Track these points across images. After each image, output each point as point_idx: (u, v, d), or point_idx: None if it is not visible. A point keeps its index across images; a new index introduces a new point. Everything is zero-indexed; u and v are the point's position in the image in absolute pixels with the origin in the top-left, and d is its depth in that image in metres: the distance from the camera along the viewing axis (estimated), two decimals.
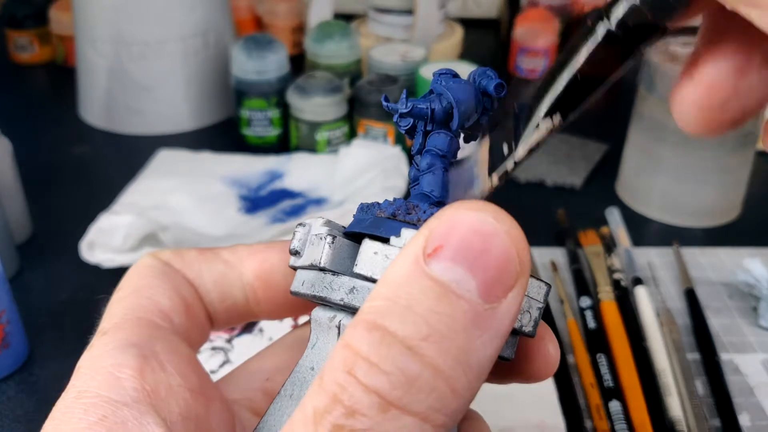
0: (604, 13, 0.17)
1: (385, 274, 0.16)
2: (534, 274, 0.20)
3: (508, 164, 0.19)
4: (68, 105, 0.83)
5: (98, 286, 0.55)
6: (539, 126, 0.18)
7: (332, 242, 0.20)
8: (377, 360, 0.14)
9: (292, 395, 0.20)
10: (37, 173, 0.69)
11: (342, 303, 0.20)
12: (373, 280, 0.19)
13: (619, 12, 0.16)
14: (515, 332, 0.20)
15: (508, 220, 0.15)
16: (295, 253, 0.21)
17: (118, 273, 0.55)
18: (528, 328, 0.20)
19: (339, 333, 0.20)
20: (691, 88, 0.18)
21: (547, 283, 0.20)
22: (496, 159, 0.20)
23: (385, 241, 0.19)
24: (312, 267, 0.21)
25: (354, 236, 0.21)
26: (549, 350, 0.22)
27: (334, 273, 0.20)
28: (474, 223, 0.15)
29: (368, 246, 0.19)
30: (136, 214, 0.58)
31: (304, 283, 0.21)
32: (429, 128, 0.22)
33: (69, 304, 0.54)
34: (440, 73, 0.22)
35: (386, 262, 0.19)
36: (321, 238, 0.21)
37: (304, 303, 0.24)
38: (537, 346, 0.22)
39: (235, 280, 0.24)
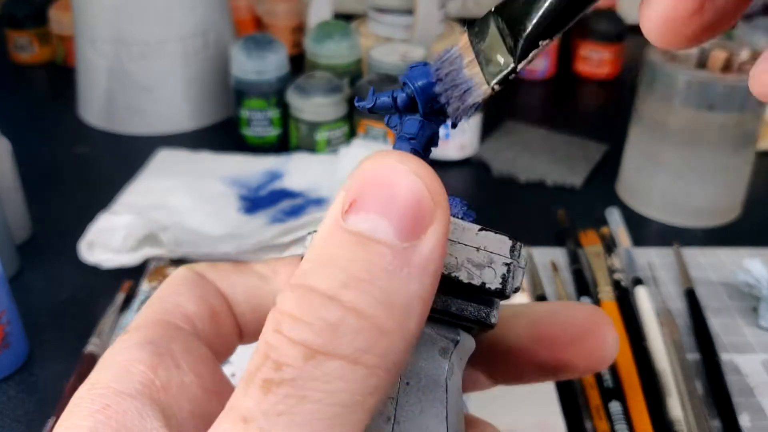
0: None
1: (311, 240, 0.16)
2: (497, 230, 0.20)
3: (510, 75, 0.19)
4: (68, 105, 0.83)
5: (98, 286, 0.55)
6: (540, 45, 0.18)
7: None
8: (300, 314, 0.15)
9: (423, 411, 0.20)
10: (37, 173, 0.69)
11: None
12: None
13: None
14: (482, 291, 0.19)
15: (414, 161, 0.16)
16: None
17: (118, 273, 0.55)
18: (494, 285, 0.19)
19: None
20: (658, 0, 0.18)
21: (512, 238, 0.20)
22: (489, 67, 0.19)
23: None
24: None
25: None
26: (605, 338, 0.22)
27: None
28: (380, 171, 0.15)
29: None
30: (136, 214, 0.58)
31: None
32: (404, 118, 0.22)
33: (69, 304, 0.54)
34: (411, 66, 0.22)
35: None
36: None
37: None
38: (589, 333, 0.22)
39: (268, 293, 0.24)
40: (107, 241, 0.56)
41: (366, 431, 0.17)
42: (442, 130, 0.23)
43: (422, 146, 0.22)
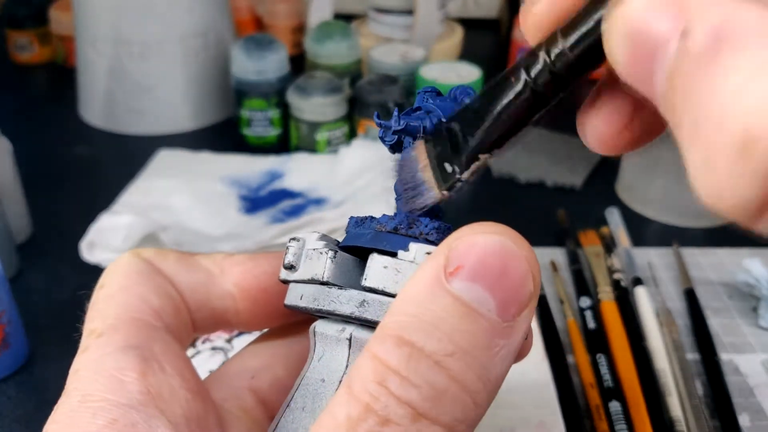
0: (523, 68, 0.19)
1: (404, 289, 0.16)
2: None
3: (456, 183, 0.20)
4: (68, 105, 0.83)
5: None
6: (480, 158, 0.20)
7: (334, 257, 0.21)
8: (407, 374, 0.15)
9: (305, 407, 0.21)
10: (37, 173, 0.69)
11: (353, 316, 0.20)
12: (385, 293, 0.20)
13: (537, 69, 0.18)
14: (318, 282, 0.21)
15: (526, 245, 0.17)
16: (290, 267, 0.21)
17: None
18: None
19: (350, 345, 0.20)
20: (591, 116, 0.19)
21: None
22: (440, 173, 0.20)
23: (393, 255, 0.20)
24: (312, 281, 0.21)
25: (350, 250, 0.21)
26: None
27: (339, 287, 0.21)
28: (495, 246, 0.16)
29: (377, 260, 0.20)
30: (136, 214, 0.58)
31: (303, 296, 0.21)
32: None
33: (69, 304, 0.53)
34: (425, 90, 0.23)
35: (398, 276, 0.19)
36: (321, 253, 0.21)
37: (285, 314, 0.24)
38: None
39: (214, 289, 0.24)
40: (108, 241, 0.56)
41: None
42: None
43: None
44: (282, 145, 0.75)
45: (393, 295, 0.19)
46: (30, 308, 0.52)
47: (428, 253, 0.19)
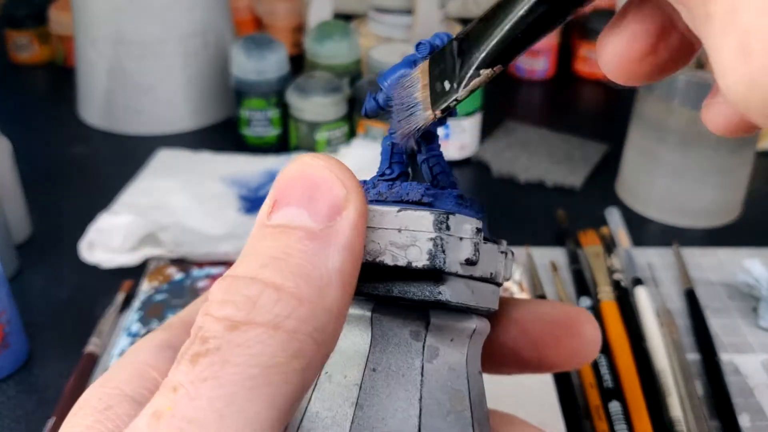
0: None
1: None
2: (421, 206, 0.20)
3: (451, 102, 0.20)
4: (68, 105, 0.83)
5: (98, 286, 0.55)
6: (480, 74, 0.19)
7: (512, 256, 0.22)
8: (224, 295, 0.16)
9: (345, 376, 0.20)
10: (37, 173, 0.69)
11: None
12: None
13: None
14: (412, 270, 0.20)
15: (324, 157, 0.18)
16: (473, 263, 0.21)
17: (118, 273, 0.55)
18: (421, 263, 0.19)
19: (472, 335, 0.21)
20: (614, 37, 0.19)
21: (437, 212, 0.20)
22: (436, 92, 0.20)
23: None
24: (489, 280, 0.21)
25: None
26: (585, 330, 0.23)
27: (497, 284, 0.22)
28: (296, 169, 0.17)
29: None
30: (136, 214, 0.58)
31: (474, 292, 0.21)
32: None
33: (69, 304, 0.54)
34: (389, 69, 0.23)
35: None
36: (501, 252, 0.21)
37: None
38: (573, 332, 0.23)
39: None
40: (107, 241, 0.56)
41: (331, 416, 0.19)
42: (441, 131, 0.23)
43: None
44: (282, 145, 0.75)
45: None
46: (30, 308, 0.52)
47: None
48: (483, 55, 0.19)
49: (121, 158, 0.74)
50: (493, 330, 0.24)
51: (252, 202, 0.65)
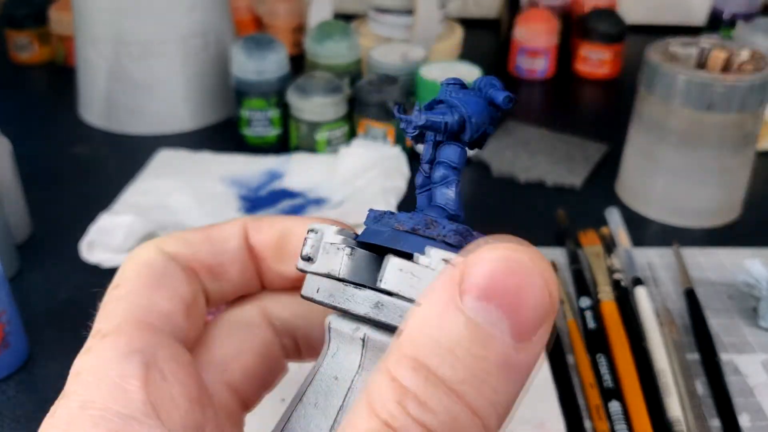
0: None
1: (420, 306, 0.16)
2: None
3: None
4: (68, 105, 0.83)
5: (98, 286, 0.54)
6: None
7: (351, 253, 0.21)
8: (425, 398, 0.15)
9: (317, 404, 0.21)
10: (37, 173, 0.69)
11: (367, 317, 0.20)
12: (401, 297, 0.20)
13: None
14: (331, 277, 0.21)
15: (543, 262, 0.16)
16: (308, 258, 0.21)
17: None
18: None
19: (364, 345, 0.20)
20: None
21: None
22: None
23: (409, 257, 0.20)
24: (329, 276, 0.21)
25: (368, 246, 0.21)
26: None
27: (355, 285, 0.21)
28: (510, 263, 0.16)
29: (393, 262, 0.20)
30: (136, 214, 0.58)
31: (319, 290, 0.21)
32: (440, 138, 0.22)
33: (69, 304, 0.54)
34: (449, 83, 0.22)
35: (413, 280, 0.19)
36: (338, 248, 0.21)
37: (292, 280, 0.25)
38: None
39: (228, 256, 0.24)
40: (107, 240, 0.56)
41: None
42: (449, 161, 0.23)
43: (461, 172, 0.22)
44: (282, 145, 0.75)
45: (409, 300, 0.20)
46: (30, 308, 0.52)
47: (445, 260, 0.19)
48: None
49: (122, 158, 0.74)
50: None
51: (252, 202, 0.65)
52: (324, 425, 0.20)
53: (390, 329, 0.20)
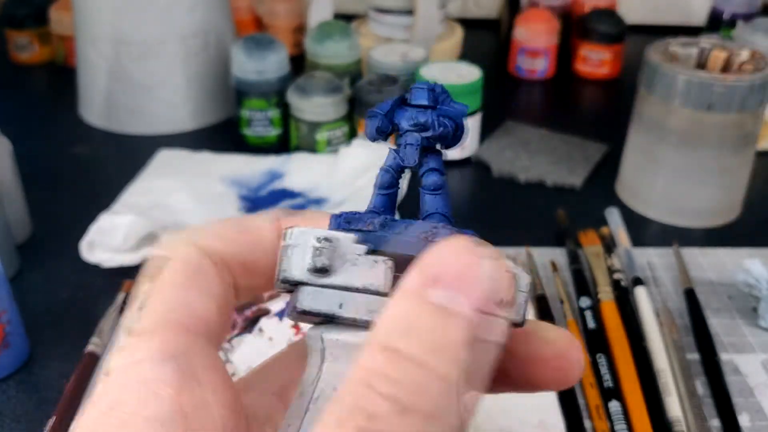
0: None
1: (388, 306, 0.18)
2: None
3: None
4: (68, 105, 0.83)
5: (99, 286, 0.55)
6: None
7: (391, 266, 0.20)
8: (390, 373, 0.16)
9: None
10: (37, 173, 0.69)
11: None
12: None
13: None
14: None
15: (489, 249, 0.18)
16: (322, 270, 0.20)
17: (119, 272, 0.55)
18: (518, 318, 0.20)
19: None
20: None
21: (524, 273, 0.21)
22: None
23: None
24: (365, 290, 0.20)
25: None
26: (573, 360, 0.24)
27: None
28: (461, 254, 0.18)
29: None
30: (137, 214, 0.58)
31: (343, 305, 0.20)
32: (428, 144, 0.22)
33: (69, 304, 0.54)
34: (429, 87, 0.22)
35: None
36: (376, 262, 0.20)
37: None
38: (559, 355, 0.24)
39: (263, 251, 0.24)
40: (108, 240, 0.56)
41: None
42: (440, 166, 0.23)
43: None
44: (282, 145, 0.75)
45: None
46: (30, 308, 0.52)
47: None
48: None
49: (122, 158, 0.74)
50: None
51: (252, 202, 0.65)
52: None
53: None
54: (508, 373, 0.24)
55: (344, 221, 0.22)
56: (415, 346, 0.17)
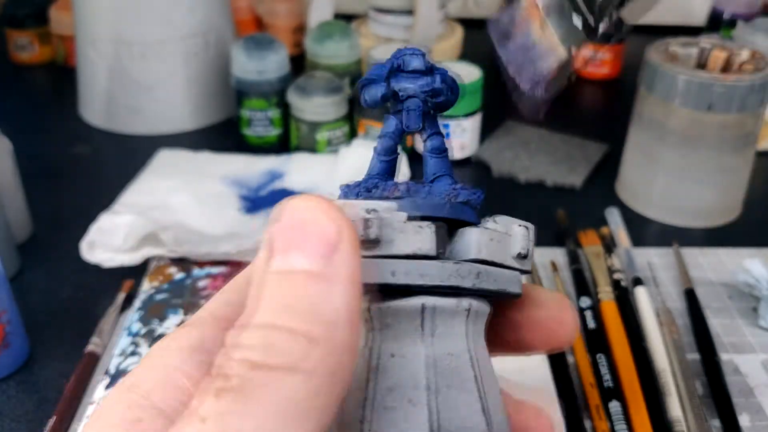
0: None
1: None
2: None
3: (591, 35, 0.20)
4: (68, 105, 0.83)
5: (99, 286, 0.55)
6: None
7: (436, 230, 0.21)
8: (243, 341, 0.17)
9: (451, 385, 0.20)
10: (37, 173, 0.69)
11: (474, 288, 0.21)
12: (495, 264, 0.21)
13: None
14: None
15: (308, 197, 0.18)
16: (375, 241, 0.20)
17: (119, 272, 0.55)
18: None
19: (468, 315, 0.21)
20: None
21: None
22: (568, 31, 0.20)
23: (475, 225, 0.22)
24: (414, 256, 0.21)
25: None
26: (566, 322, 0.25)
27: (455, 261, 0.21)
28: (285, 214, 0.18)
29: (479, 232, 0.21)
30: (137, 214, 0.58)
31: (395, 273, 0.21)
32: (427, 108, 0.23)
33: (69, 304, 0.54)
34: (422, 53, 0.23)
35: (499, 246, 0.22)
36: (420, 227, 0.21)
37: None
38: (552, 318, 0.24)
39: None
40: (108, 240, 0.56)
41: (391, 413, 0.20)
42: (441, 130, 0.24)
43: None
44: (282, 145, 0.75)
45: (501, 265, 0.22)
46: (30, 308, 0.52)
47: (519, 225, 0.23)
48: None
49: (122, 158, 0.74)
50: None
51: (252, 202, 0.65)
52: (472, 400, 0.21)
53: (486, 295, 0.22)
54: (502, 336, 0.25)
55: (364, 190, 0.22)
56: (261, 314, 0.17)
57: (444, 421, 0.20)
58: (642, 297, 0.52)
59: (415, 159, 0.70)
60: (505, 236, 0.22)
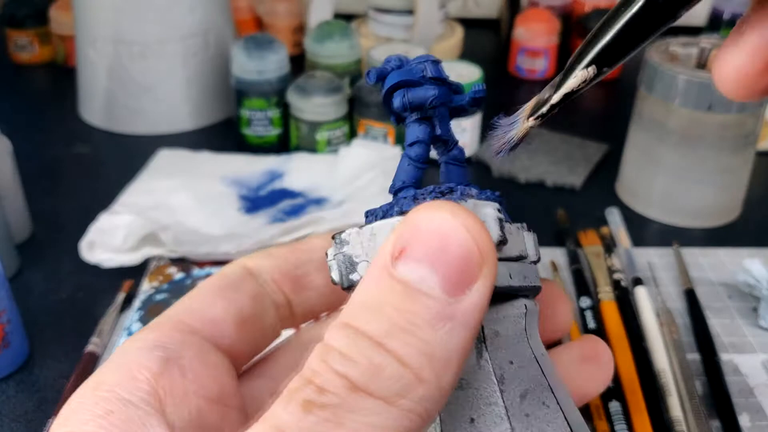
0: None
1: (360, 281, 0.17)
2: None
3: (544, 108, 0.20)
4: (68, 105, 0.83)
5: (99, 286, 0.55)
6: (576, 74, 0.19)
7: (531, 231, 0.21)
8: (347, 351, 0.16)
9: (528, 390, 0.20)
10: (37, 173, 0.69)
11: (537, 287, 0.21)
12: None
13: None
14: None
15: (464, 214, 0.16)
16: (504, 242, 0.20)
17: (119, 272, 0.55)
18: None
19: (526, 313, 0.21)
20: (734, 52, 0.19)
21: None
22: (539, 102, 0.20)
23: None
24: (519, 258, 0.20)
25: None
26: (560, 309, 0.25)
27: (533, 262, 0.21)
28: (432, 222, 0.16)
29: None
30: (137, 214, 0.58)
31: (512, 275, 0.20)
32: (440, 114, 0.23)
33: (69, 303, 0.54)
34: (429, 60, 0.23)
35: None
36: (519, 228, 0.21)
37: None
38: (546, 306, 0.24)
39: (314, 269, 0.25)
40: (108, 240, 0.56)
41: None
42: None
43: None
44: (282, 145, 0.75)
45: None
46: (30, 308, 0.52)
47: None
48: (583, 59, 0.20)
49: (122, 158, 0.74)
50: None
51: (252, 202, 0.65)
52: (553, 398, 0.20)
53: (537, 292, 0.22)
54: None
55: (439, 194, 0.21)
56: (374, 325, 0.16)
57: (568, 417, 0.20)
58: (642, 297, 0.52)
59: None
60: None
